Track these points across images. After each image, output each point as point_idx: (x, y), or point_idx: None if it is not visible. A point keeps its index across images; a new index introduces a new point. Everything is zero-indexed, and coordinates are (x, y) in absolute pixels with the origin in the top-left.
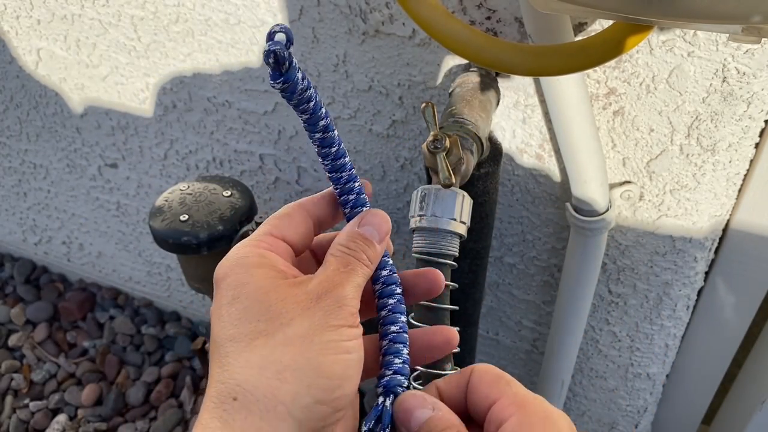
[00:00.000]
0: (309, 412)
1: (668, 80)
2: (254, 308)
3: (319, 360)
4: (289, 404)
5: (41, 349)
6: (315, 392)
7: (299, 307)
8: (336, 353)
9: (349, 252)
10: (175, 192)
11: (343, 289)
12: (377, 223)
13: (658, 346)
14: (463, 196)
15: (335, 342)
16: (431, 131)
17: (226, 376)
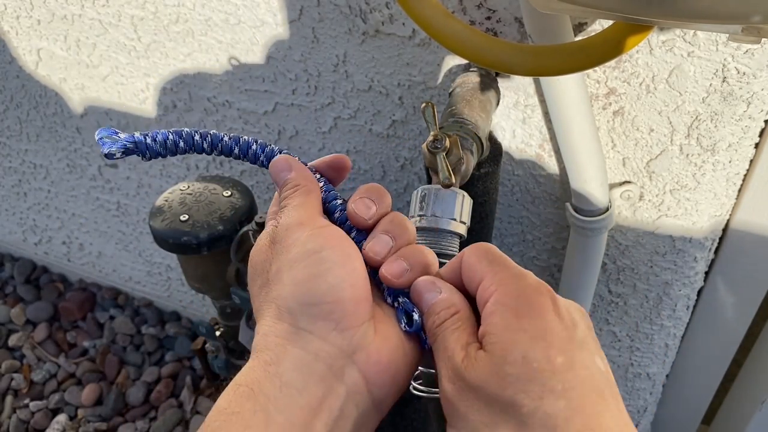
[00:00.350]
0: (299, 311)
1: (668, 80)
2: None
3: (293, 274)
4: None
5: (41, 349)
6: (300, 296)
7: (269, 254)
8: (304, 262)
9: (281, 199)
10: (175, 192)
11: (280, 219)
12: (277, 166)
13: (658, 346)
14: (463, 196)
15: (302, 248)
16: (431, 131)
17: None
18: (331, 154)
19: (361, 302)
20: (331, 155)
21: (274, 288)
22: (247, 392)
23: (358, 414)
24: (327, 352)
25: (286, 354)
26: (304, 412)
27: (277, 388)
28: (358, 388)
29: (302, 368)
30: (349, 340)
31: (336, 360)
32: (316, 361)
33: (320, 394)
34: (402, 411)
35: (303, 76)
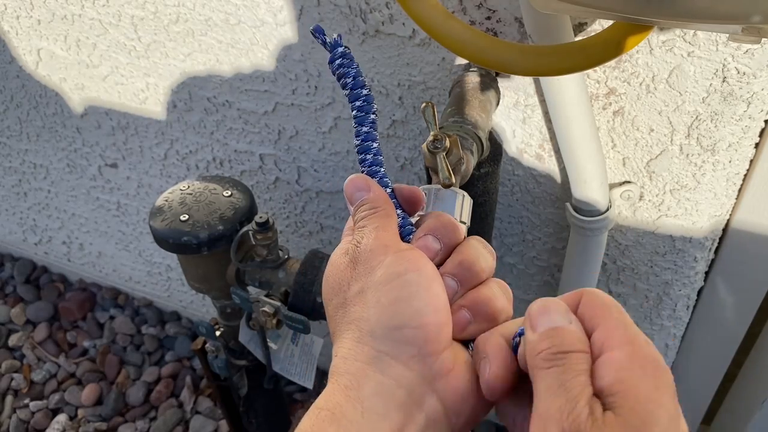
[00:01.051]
0: (381, 336)
1: (668, 80)
2: (332, 290)
3: (378, 296)
4: (364, 337)
5: (41, 348)
6: (385, 319)
7: (348, 272)
8: (387, 284)
9: (357, 217)
10: (176, 192)
11: (362, 239)
12: (355, 183)
13: (658, 346)
14: (463, 196)
15: (388, 271)
16: (431, 131)
17: None
18: (407, 185)
19: (443, 327)
20: (406, 186)
21: (355, 309)
22: (329, 416)
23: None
24: (408, 378)
25: (367, 379)
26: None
27: (359, 414)
28: (438, 416)
29: (383, 394)
30: (431, 367)
31: (417, 387)
32: (397, 387)
33: (401, 421)
34: None
35: (303, 76)
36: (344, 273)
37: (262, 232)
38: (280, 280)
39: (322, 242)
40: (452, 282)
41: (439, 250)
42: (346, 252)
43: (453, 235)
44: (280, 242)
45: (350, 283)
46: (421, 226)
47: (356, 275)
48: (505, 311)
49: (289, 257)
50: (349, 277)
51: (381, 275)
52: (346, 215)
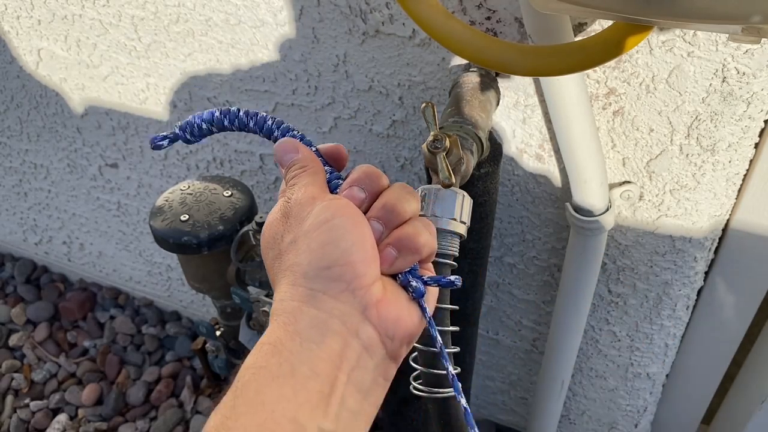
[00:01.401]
0: (313, 275)
1: (668, 80)
2: (268, 243)
3: (307, 240)
4: (297, 280)
5: (42, 348)
6: (314, 259)
7: (281, 226)
8: (317, 228)
9: (287, 177)
10: (176, 192)
11: (292, 195)
12: (284, 147)
13: (658, 345)
14: (463, 196)
15: (315, 219)
16: (431, 131)
17: None
18: (331, 144)
19: (370, 264)
20: (330, 144)
21: (288, 257)
22: (271, 349)
23: (375, 364)
24: (340, 310)
25: (303, 314)
26: (325, 363)
27: (297, 344)
28: (373, 341)
29: (318, 326)
30: (361, 299)
31: (349, 317)
32: (330, 318)
33: (338, 348)
34: (402, 411)
35: (303, 76)
36: (278, 227)
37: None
38: None
39: None
40: (377, 225)
41: (365, 199)
42: (280, 209)
43: (377, 183)
44: None
45: (283, 235)
46: (347, 179)
47: (288, 227)
48: (429, 245)
49: None
50: (283, 230)
51: (310, 223)
52: None
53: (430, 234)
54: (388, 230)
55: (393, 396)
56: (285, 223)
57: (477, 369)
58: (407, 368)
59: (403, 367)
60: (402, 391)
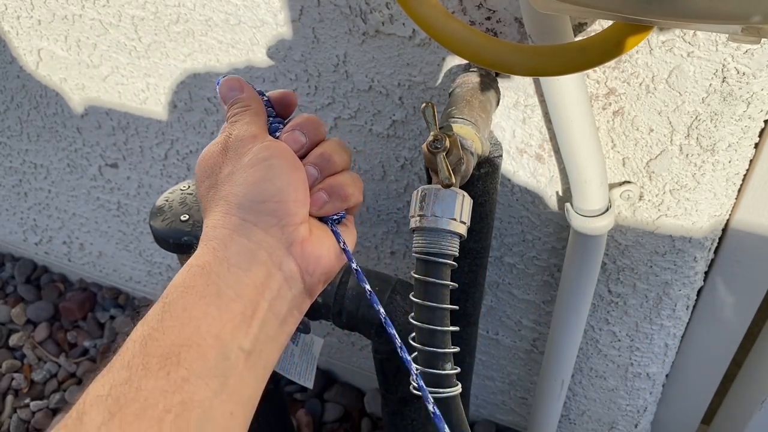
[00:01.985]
0: (244, 206)
1: (668, 80)
2: (204, 173)
3: (243, 173)
4: (231, 207)
5: (42, 348)
6: (251, 194)
7: (220, 158)
8: (254, 164)
9: (229, 114)
10: (176, 192)
11: (233, 131)
12: (229, 84)
13: (658, 345)
14: (463, 196)
15: (255, 156)
16: (431, 131)
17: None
18: (279, 90)
19: (301, 206)
20: (280, 91)
21: (224, 188)
22: (199, 271)
23: (293, 296)
24: (268, 242)
25: (233, 241)
26: (250, 288)
27: (225, 269)
28: (293, 274)
29: (246, 253)
30: (288, 235)
31: (275, 250)
32: (258, 248)
33: (262, 276)
34: (402, 411)
35: (303, 76)
36: (216, 158)
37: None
38: None
39: None
40: (313, 170)
41: (305, 144)
42: (219, 142)
43: (317, 131)
44: None
45: (221, 166)
46: (290, 123)
47: (227, 160)
48: (355, 196)
49: None
50: (221, 162)
51: (249, 159)
52: None
53: (357, 188)
54: (321, 177)
55: (393, 396)
56: (224, 155)
57: (477, 369)
58: (407, 368)
59: (402, 367)
60: (402, 391)
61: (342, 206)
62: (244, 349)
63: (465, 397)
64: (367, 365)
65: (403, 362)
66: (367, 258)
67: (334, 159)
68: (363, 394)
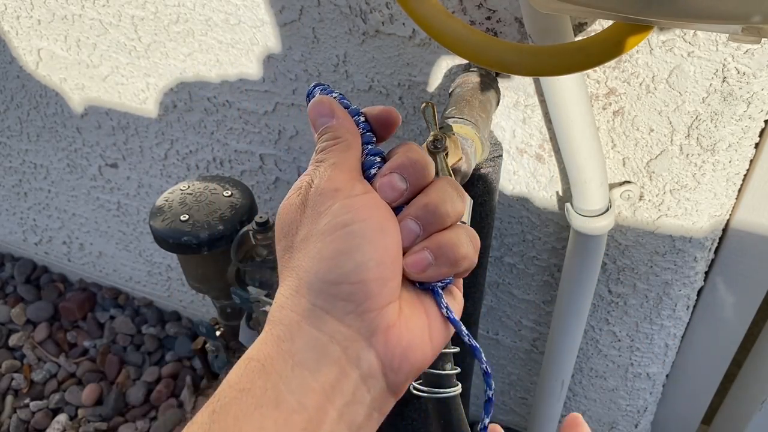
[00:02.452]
0: (318, 290)
1: (668, 80)
2: (281, 231)
3: (319, 247)
4: (302, 291)
5: (42, 348)
6: (321, 273)
7: (298, 215)
8: (331, 233)
9: (317, 147)
10: (176, 192)
11: (315, 177)
12: (318, 109)
13: (658, 345)
14: None
15: (333, 220)
16: (431, 131)
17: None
18: (380, 105)
19: (388, 281)
20: (379, 107)
21: (298, 256)
22: (259, 368)
23: (372, 399)
24: (343, 334)
25: (301, 332)
26: (317, 394)
27: (289, 368)
28: (373, 372)
29: (316, 349)
30: (369, 324)
31: (352, 343)
32: (330, 342)
33: (333, 378)
34: (402, 411)
35: (303, 76)
36: (294, 215)
37: (262, 232)
38: None
39: None
40: (415, 225)
41: (405, 190)
42: (299, 189)
43: (422, 174)
44: None
45: (299, 227)
46: (389, 162)
47: (304, 219)
48: (469, 258)
49: None
50: (299, 221)
51: (325, 224)
52: None
53: (474, 247)
54: (425, 234)
55: None
56: (302, 212)
57: (477, 369)
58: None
59: None
60: None
61: (450, 272)
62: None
63: (465, 397)
64: None
65: None
66: None
67: (443, 211)
68: None
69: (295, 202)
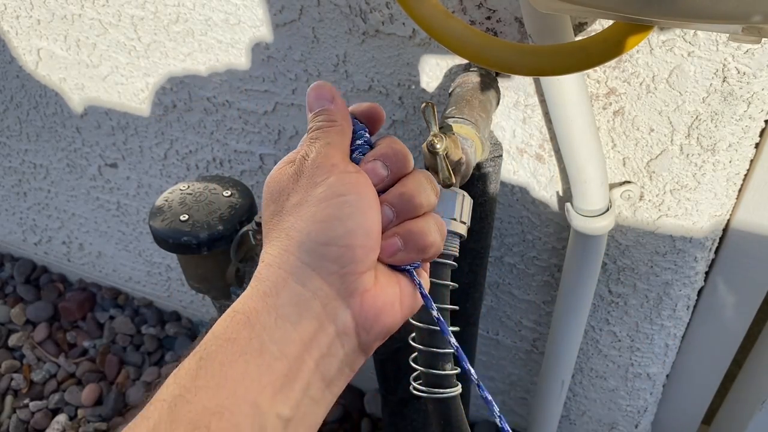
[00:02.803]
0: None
1: (668, 80)
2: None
3: (314, 212)
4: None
5: (41, 349)
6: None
7: (291, 183)
8: (328, 201)
9: (312, 126)
10: (175, 192)
11: (311, 152)
12: (319, 92)
13: (658, 346)
14: (463, 196)
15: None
16: (431, 131)
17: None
18: (367, 102)
19: (370, 252)
20: (366, 104)
21: (289, 219)
22: (244, 320)
23: (344, 354)
24: (325, 291)
25: (286, 288)
26: (296, 345)
27: (272, 320)
28: (347, 330)
29: (299, 304)
30: (348, 285)
31: (331, 300)
32: (313, 298)
33: (312, 331)
34: (402, 411)
35: (303, 76)
36: (287, 183)
37: (262, 232)
38: None
39: None
40: (389, 211)
41: (386, 177)
42: (293, 162)
43: (403, 164)
44: None
45: (290, 193)
46: (374, 150)
47: (298, 187)
48: (436, 245)
49: None
50: (291, 188)
51: (322, 192)
52: None
53: (441, 235)
54: (398, 220)
55: (393, 397)
56: (296, 181)
57: (477, 369)
58: (407, 368)
59: (403, 368)
60: (402, 391)
61: (417, 257)
62: (283, 417)
63: (465, 397)
64: (367, 366)
65: None
66: None
67: (416, 201)
68: (363, 394)
69: (287, 172)
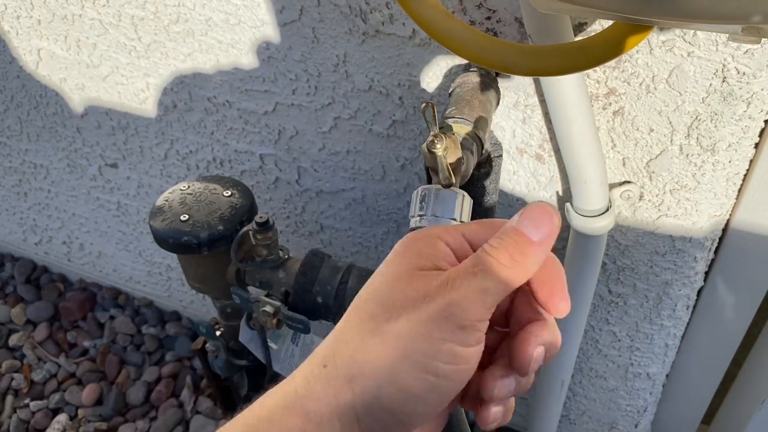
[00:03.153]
0: (370, 412)
1: (668, 80)
2: (379, 291)
3: (401, 369)
4: (356, 396)
5: (42, 348)
6: (384, 399)
7: (410, 304)
8: (421, 371)
9: (489, 249)
10: (176, 192)
11: (458, 294)
12: (536, 217)
13: (658, 345)
14: (463, 196)
15: (427, 358)
16: (431, 131)
17: (330, 341)
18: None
19: (432, 419)
20: None
21: (374, 350)
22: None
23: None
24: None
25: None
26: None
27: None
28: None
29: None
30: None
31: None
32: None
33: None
34: None
35: (303, 76)
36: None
37: (262, 232)
38: (281, 280)
39: (322, 242)
40: (512, 384)
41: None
42: (438, 270)
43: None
44: (281, 242)
45: (402, 314)
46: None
47: (414, 313)
48: None
49: (290, 257)
50: (410, 306)
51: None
52: (346, 215)
53: None
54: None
55: None
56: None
57: None
58: None
59: None
60: None
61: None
62: None
63: None
64: None
65: None
66: (367, 258)
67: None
68: None
69: (425, 281)
